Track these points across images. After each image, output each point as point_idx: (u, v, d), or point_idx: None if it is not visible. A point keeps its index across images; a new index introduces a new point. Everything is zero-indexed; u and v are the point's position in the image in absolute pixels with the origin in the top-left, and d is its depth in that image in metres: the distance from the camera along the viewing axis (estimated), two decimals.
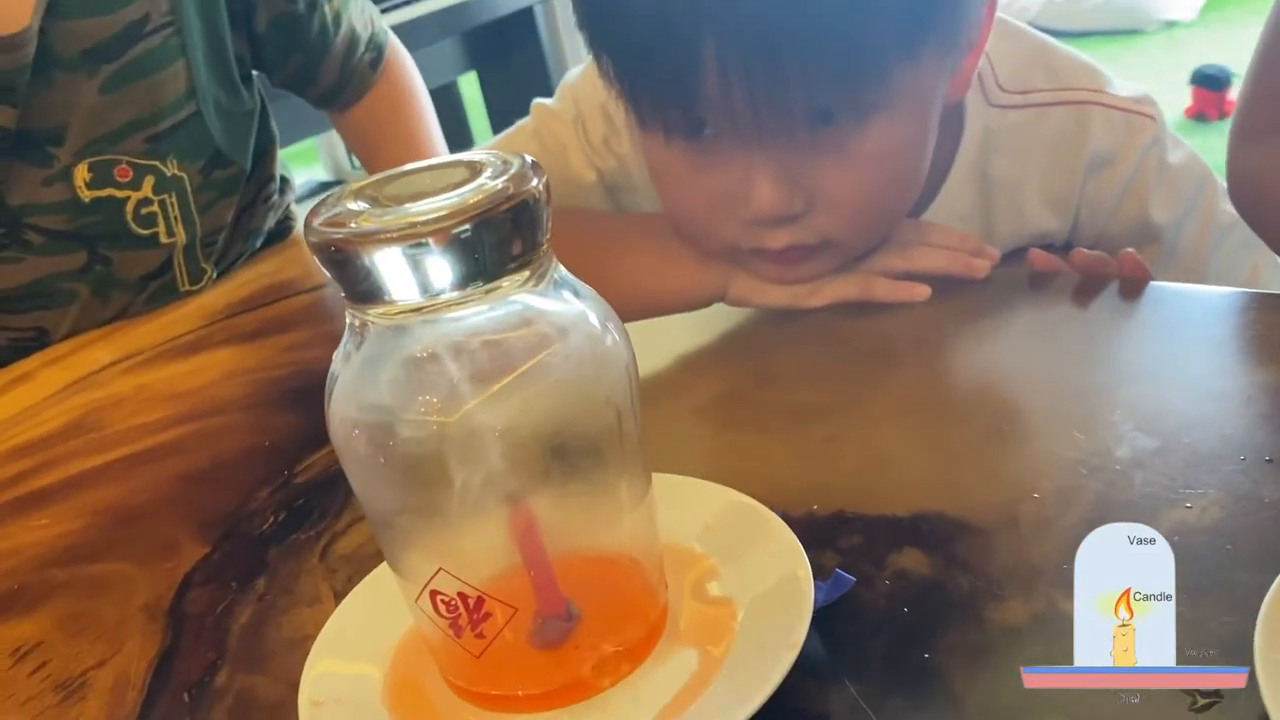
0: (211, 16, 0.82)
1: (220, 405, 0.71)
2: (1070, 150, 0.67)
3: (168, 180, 0.82)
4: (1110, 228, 0.69)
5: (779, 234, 0.60)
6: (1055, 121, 0.67)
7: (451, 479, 0.36)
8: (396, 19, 2.28)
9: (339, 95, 0.95)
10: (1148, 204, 0.68)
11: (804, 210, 0.58)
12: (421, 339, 0.35)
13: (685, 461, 0.55)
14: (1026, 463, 0.49)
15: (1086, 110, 0.67)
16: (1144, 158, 0.67)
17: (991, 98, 0.67)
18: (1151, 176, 0.68)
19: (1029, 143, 0.67)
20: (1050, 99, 0.67)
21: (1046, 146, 0.67)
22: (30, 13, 0.73)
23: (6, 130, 0.75)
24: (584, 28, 0.59)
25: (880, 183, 0.59)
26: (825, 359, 0.61)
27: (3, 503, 0.64)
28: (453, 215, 0.32)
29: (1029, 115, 0.67)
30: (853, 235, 0.61)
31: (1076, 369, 0.55)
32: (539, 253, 0.36)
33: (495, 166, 0.36)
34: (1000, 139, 0.67)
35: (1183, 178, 0.69)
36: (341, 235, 0.32)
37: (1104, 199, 0.68)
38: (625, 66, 0.58)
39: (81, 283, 0.83)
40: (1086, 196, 0.69)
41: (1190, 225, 0.69)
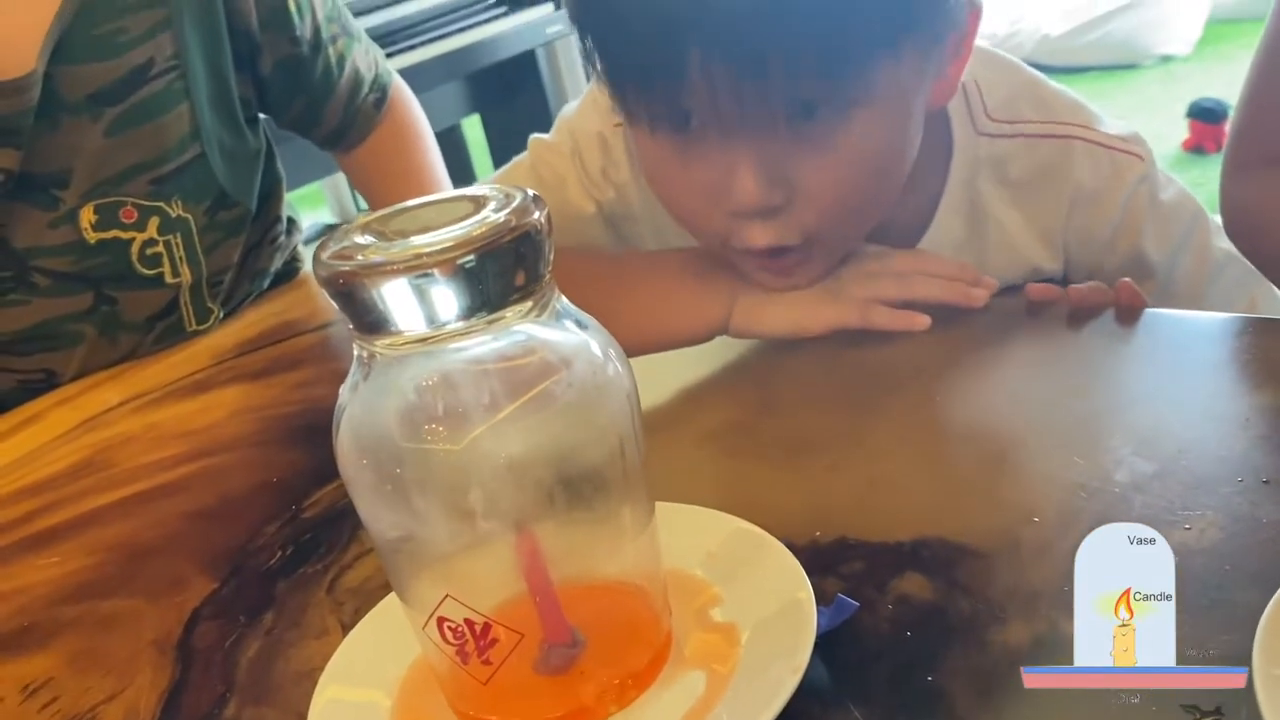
0: (216, 60, 0.83)
1: (228, 443, 0.72)
2: (1054, 185, 0.68)
3: (173, 221, 0.83)
4: (1105, 263, 0.70)
5: (761, 229, 0.60)
6: (1041, 154, 0.68)
7: (457, 507, 0.37)
8: (401, 63, 2.31)
9: (344, 136, 0.96)
10: (1141, 240, 0.69)
11: (784, 204, 0.59)
12: (427, 369, 0.36)
13: (688, 490, 0.55)
14: (1027, 487, 0.50)
15: (1071, 145, 0.68)
16: (1133, 195, 0.68)
17: (980, 126, 0.68)
18: (1143, 213, 0.68)
19: (1016, 174, 0.68)
20: (1038, 131, 0.68)
21: (1032, 179, 0.68)
22: (35, 57, 0.75)
23: (11, 173, 0.77)
24: (573, 20, 0.60)
25: (860, 178, 0.60)
26: (826, 388, 0.62)
27: (13, 541, 0.65)
28: (457, 247, 0.33)
29: (1017, 145, 0.68)
30: (832, 231, 0.62)
31: (1075, 394, 0.56)
32: (542, 283, 0.37)
33: (498, 200, 0.36)
34: (988, 168, 0.68)
35: (1175, 214, 0.69)
36: (349, 267, 0.33)
37: (1095, 236, 0.69)
38: (612, 57, 0.59)
39: (88, 324, 0.84)
40: (1074, 233, 0.69)
41: (1185, 260, 0.69)
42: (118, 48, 0.78)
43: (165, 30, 0.79)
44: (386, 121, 0.97)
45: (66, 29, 0.76)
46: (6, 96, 0.75)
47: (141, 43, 0.79)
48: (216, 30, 0.83)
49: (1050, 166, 0.68)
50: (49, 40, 0.75)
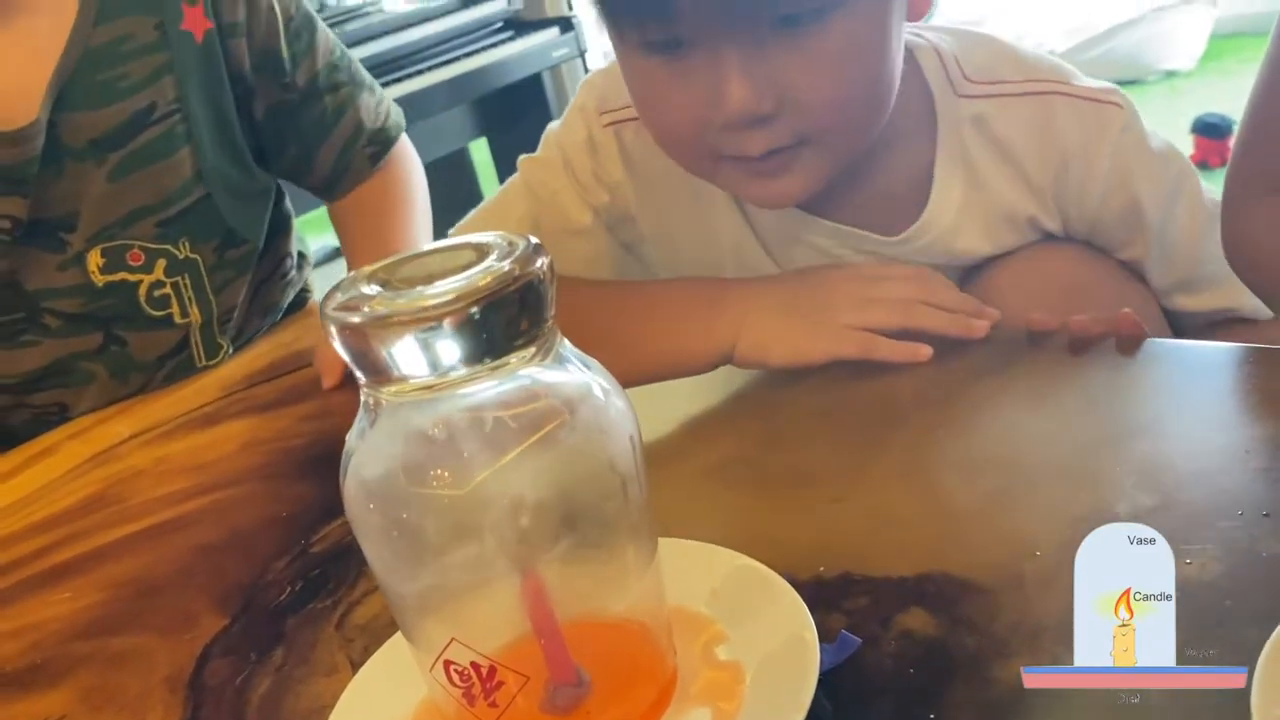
0: (218, 102, 0.84)
1: (238, 476, 0.72)
2: (1041, 143, 0.69)
3: (181, 263, 0.84)
4: (1102, 215, 0.71)
5: (755, 137, 0.62)
6: (1023, 112, 0.69)
7: (463, 550, 0.37)
8: (410, 88, 2.34)
9: (335, 185, 0.95)
10: (1133, 188, 0.69)
11: (774, 110, 0.61)
12: (433, 414, 0.36)
13: (694, 525, 0.56)
14: (1029, 520, 0.50)
15: (1052, 101, 0.69)
16: (1119, 143, 0.69)
17: (960, 89, 0.70)
18: (1131, 160, 0.69)
19: (1000, 131, 0.70)
20: (1017, 90, 0.69)
21: (1017, 135, 0.70)
22: (39, 105, 0.76)
23: (19, 220, 0.78)
24: None
25: (845, 80, 0.62)
26: (830, 421, 0.62)
27: (26, 577, 0.65)
28: (462, 299, 0.33)
29: (997, 104, 0.69)
30: (827, 132, 0.63)
31: (1076, 426, 0.56)
32: (545, 328, 0.37)
33: (501, 248, 0.37)
34: (972, 127, 0.70)
35: (1164, 162, 0.70)
36: (357, 320, 0.33)
37: (1088, 191, 0.70)
38: None
39: (99, 363, 0.85)
40: (1068, 187, 0.70)
41: (1178, 211, 0.70)
42: (119, 93, 0.79)
43: (166, 75, 0.81)
44: (378, 177, 0.95)
45: (69, 77, 0.77)
46: (12, 145, 0.76)
47: (143, 88, 0.80)
48: (217, 74, 0.83)
49: (1034, 124, 0.69)
50: (52, 88, 0.76)
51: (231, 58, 0.84)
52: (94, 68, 0.79)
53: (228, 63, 0.84)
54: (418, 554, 0.37)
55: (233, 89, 0.85)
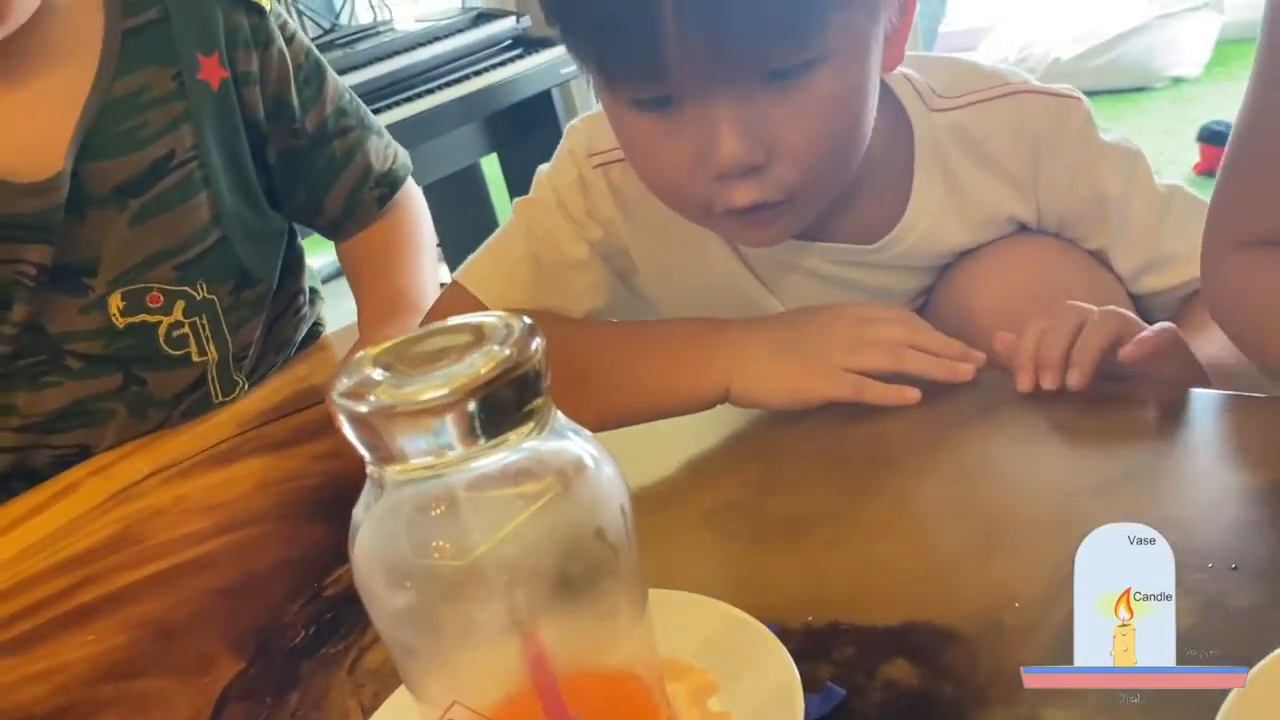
0: (233, 148, 0.87)
1: (253, 516, 0.75)
2: (1015, 136, 0.73)
3: (198, 303, 0.87)
4: (1068, 206, 0.75)
5: (745, 189, 0.64)
6: (995, 113, 0.73)
7: (465, 617, 0.39)
8: (422, 106, 2.36)
9: (344, 226, 0.98)
10: (1096, 178, 0.74)
11: (765, 161, 0.64)
12: (435, 490, 0.38)
13: (691, 570, 0.58)
14: (1011, 568, 0.52)
15: (1019, 98, 0.73)
16: (1082, 133, 0.74)
17: (931, 104, 0.74)
18: (1094, 152, 0.74)
19: (977, 133, 0.74)
20: (985, 96, 0.74)
21: (993, 134, 0.74)
22: (63, 156, 0.79)
23: (44, 267, 0.81)
24: (554, 17, 0.65)
25: (831, 130, 0.65)
26: (824, 464, 0.65)
27: (53, 617, 0.68)
28: (462, 390, 0.36)
29: (969, 112, 0.74)
30: (812, 184, 0.66)
31: (1057, 473, 0.58)
32: (541, 404, 0.39)
33: (499, 331, 0.39)
34: (949, 136, 0.74)
35: (1120, 153, 0.74)
36: (363, 410, 0.36)
37: (1057, 180, 0.74)
38: (596, 47, 0.64)
39: (119, 402, 0.88)
40: (1040, 176, 0.74)
41: (1136, 197, 0.74)
42: (139, 142, 0.82)
43: (184, 123, 0.83)
44: (386, 219, 0.98)
45: (91, 127, 0.80)
46: (39, 196, 0.79)
47: (162, 136, 0.83)
48: (232, 121, 0.86)
49: (1008, 120, 0.73)
50: (75, 139, 0.79)
51: (246, 105, 0.87)
52: (115, 118, 0.82)
53: (242, 110, 0.87)
54: (421, 620, 0.39)
55: (247, 135, 0.88)
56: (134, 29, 0.83)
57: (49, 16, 0.79)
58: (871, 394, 0.66)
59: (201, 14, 0.85)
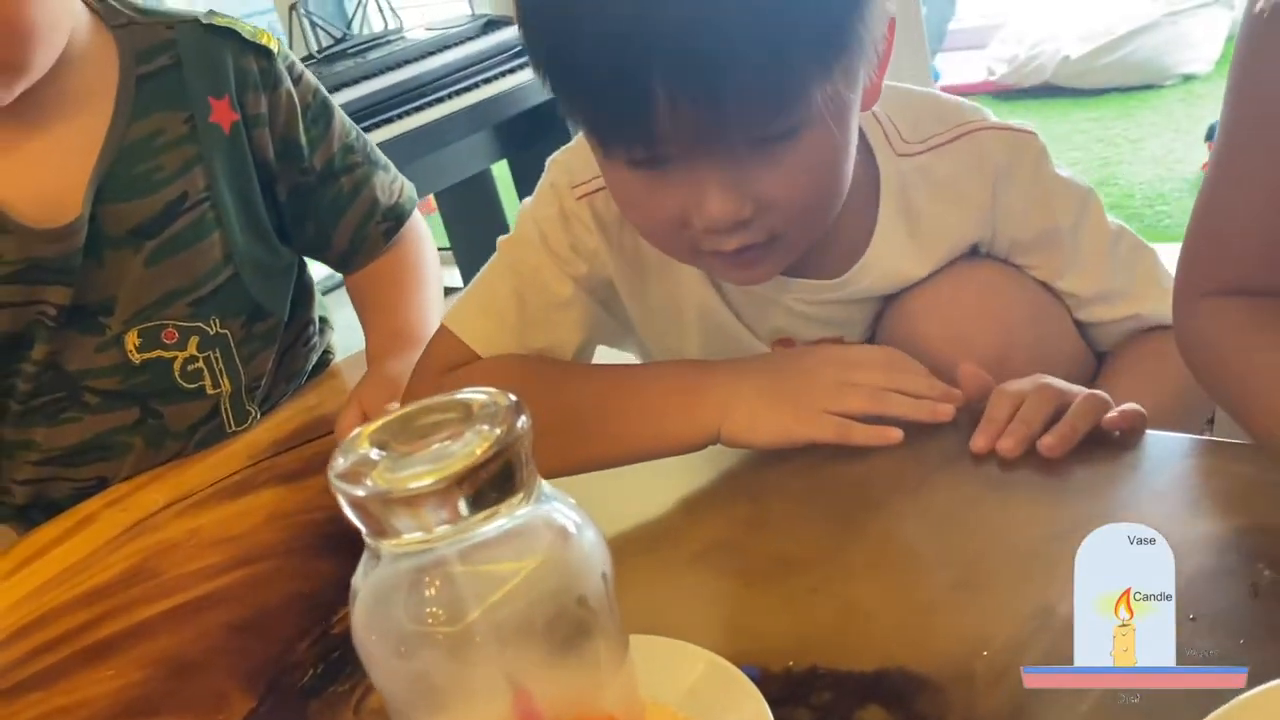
0: (244, 189, 0.90)
1: (264, 550, 0.78)
2: (976, 171, 0.77)
3: (211, 338, 0.90)
4: (1021, 234, 0.79)
5: (732, 237, 0.68)
6: (956, 154, 0.78)
7: (457, 678, 0.42)
8: (433, 114, 2.39)
9: (352, 260, 1.00)
10: (1050, 208, 0.78)
11: (752, 215, 0.67)
12: (428, 561, 0.41)
13: (681, 611, 0.61)
14: (984, 615, 0.54)
15: (977, 135, 0.78)
16: (1038, 168, 0.78)
17: (898, 149, 0.78)
18: (1048, 184, 0.78)
19: (940, 176, 0.78)
20: (946, 138, 0.78)
21: (956, 173, 0.78)
22: (81, 202, 0.82)
23: (63, 308, 0.84)
24: (545, 77, 0.67)
25: (815, 184, 0.68)
26: (812, 503, 0.67)
27: (74, 652, 0.71)
28: (454, 477, 0.38)
29: (933, 156, 0.78)
30: (797, 230, 0.70)
31: (1032, 518, 0.60)
32: (528, 476, 0.42)
33: (486, 409, 0.42)
34: (915, 178, 0.78)
35: (1072, 188, 0.79)
36: (360, 494, 0.38)
37: (1013, 206, 0.78)
38: (587, 113, 0.67)
39: (136, 435, 0.91)
40: (1000, 205, 0.78)
41: (1086, 231, 0.79)
42: (154, 185, 0.85)
43: (197, 166, 0.86)
44: (392, 252, 1.01)
45: (107, 171, 0.83)
46: (59, 241, 0.82)
47: (175, 179, 0.86)
48: (243, 162, 0.89)
49: (969, 157, 0.77)
50: (92, 184, 0.82)
51: (255, 146, 0.90)
52: (130, 162, 0.85)
53: (252, 151, 0.90)
54: (417, 681, 0.42)
55: (257, 174, 0.91)
56: (147, 75, 0.86)
57: (66, 66, 0.82)
58: (856, 436, 0.68)
59: (212, 59, 0.87)
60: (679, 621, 0.60)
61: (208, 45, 0.87)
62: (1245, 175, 0.60)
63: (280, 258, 0.95)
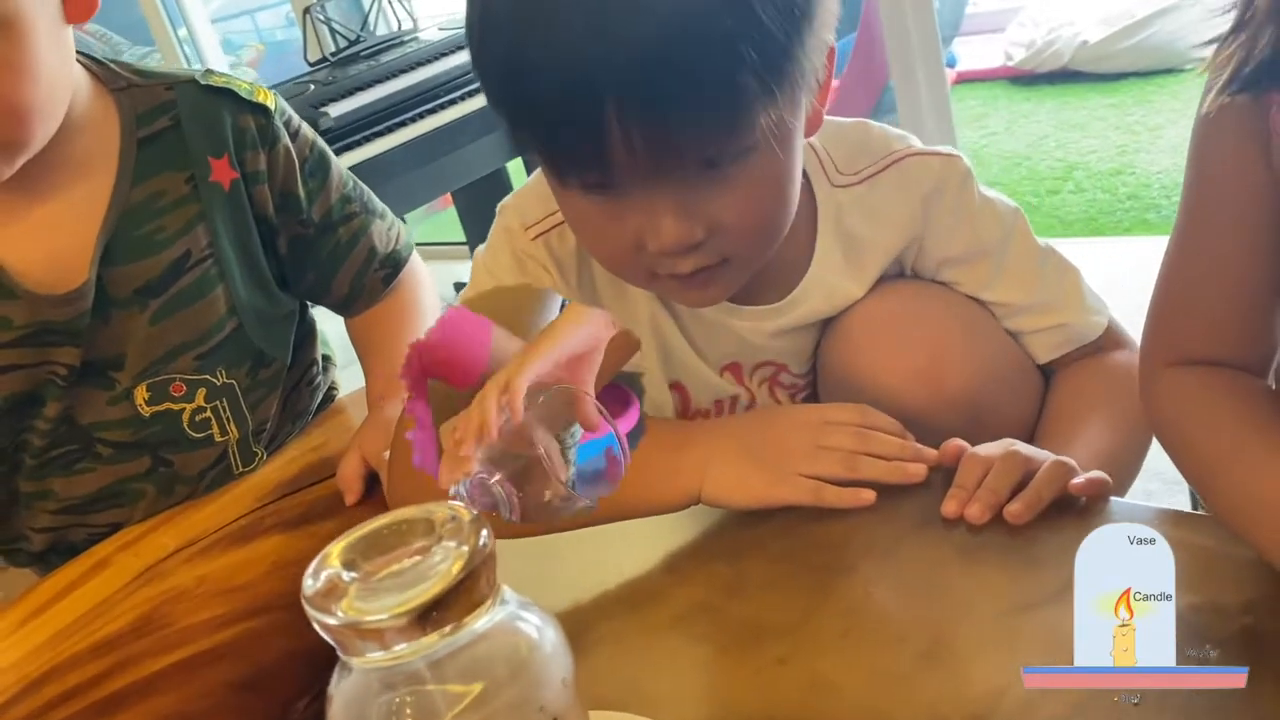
0: (245, 243, 0.92)
1: (267, 602, 0.81)
2: (905, 196, 0.82)
3: (218, 389, 0.93)
4: (950, 251, 0.83)
5: (686, 260, 0.71)
6: (887, 182, 0.82)
7: None
8: (448, 116, 2.41)
9: (352, 305, 1.03)
10: (977, 226, 0.82)
11: (705, 238, 0.69)
12: (397, 675, 0.44)
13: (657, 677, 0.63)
14: (946, 689, 0.56)
15: (904, 163, 0.82)
16: (964, 189, 0.82)
17: (834, 180, 0.82)
18: (974, 204, 0.83)
19: (873, 203, 0.82)
20: (876, 169, 0.82)
21: (887, 199, 0.82)
22: (88, 266, 0.85)
23: (74, 367, 0.87)
24: (499, 108, 0.70)
25: (764, 206, 0.72)
26: (788, 567, 0.69)
27: (86, 705, 0.75)
28: (419, 609, 0.41)
29: (865, 186, 0.82)
30: (748, 251, 0.73)
31: (999, 585, 0.62)
32: (489, 587, 0.45)
33: (450, 525, 0.44)
34: (850, 207, 0.82)
35: (998, 206, 0.83)
36: (333, 623, 0.41)
37: (941, 224, 0.82)
38: (540, 142, 0.69)
39: (148, 483, 0.94)
40: (930, 225, 0.82)
41: (1013, 245, 0.83)
42: (157, 245, 0.88)
43: (199, 224, 0.89)
44: (392, 297, 1.03)
45: (111, 234, 0.86)
46: (67, 305, 0.85)
47: (178, 238, 0.88)
48: (244, 218, 0.92)
49: (897, 187, 0.82)
50: (98, 248, 0.85)
51: (255, 202, 0.92)
52: (134, 223, 0.87)
53: (252, 206, 0.92)
54: None
55: (258, 229, 0.93)
56: (148, 137, 0.89)
57: (68, 132, 0.85)
58: (829, 498, 0.70)
59: (210, 119, 0.90)
60: (655, 688, 0.62)
61: (205, 105, 0.90)
62: (1198, 251, 0.62)
63: (282, 306, 0.98)
